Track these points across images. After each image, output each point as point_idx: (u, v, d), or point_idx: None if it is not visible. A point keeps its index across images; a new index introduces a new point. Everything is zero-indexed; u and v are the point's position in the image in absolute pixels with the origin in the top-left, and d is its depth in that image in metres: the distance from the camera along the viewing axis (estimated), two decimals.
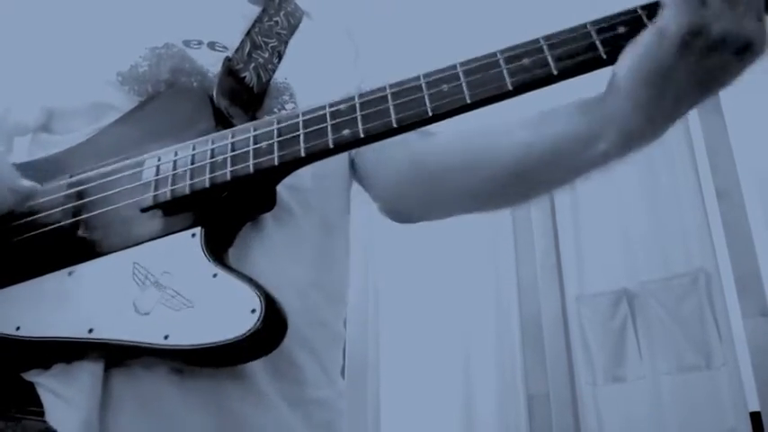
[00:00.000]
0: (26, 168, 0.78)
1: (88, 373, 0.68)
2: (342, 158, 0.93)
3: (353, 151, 0.94)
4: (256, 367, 0.72)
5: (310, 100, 0.74)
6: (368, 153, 0.94)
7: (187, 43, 0.86)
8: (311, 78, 0.90)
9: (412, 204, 0.92)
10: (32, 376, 0.70)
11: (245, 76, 0.85)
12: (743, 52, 0.62)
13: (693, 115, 2.58)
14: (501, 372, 2.73)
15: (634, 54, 0.66)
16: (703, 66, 0.63)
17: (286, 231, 0.80)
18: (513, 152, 0.78)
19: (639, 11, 0.67)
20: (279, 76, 0.89)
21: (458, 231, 2.83)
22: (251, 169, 0.70)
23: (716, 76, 0.65)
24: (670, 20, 0.63)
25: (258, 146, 0.71)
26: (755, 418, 2.28)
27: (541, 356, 2.73)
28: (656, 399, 2.48)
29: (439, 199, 0.90)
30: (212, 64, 0.84)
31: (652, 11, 0.65)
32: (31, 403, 0.69)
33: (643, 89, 0.66)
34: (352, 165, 0.96)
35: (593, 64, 0.67)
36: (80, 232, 0.74)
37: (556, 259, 2.83)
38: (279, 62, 0.91)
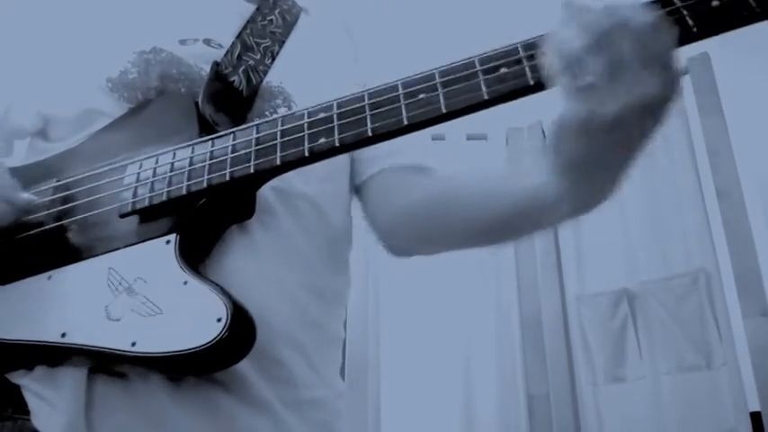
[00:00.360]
0: (16, 173, 0.78)
1: (71, 377, 0.69)
2: (344, 163, 0.93)
3: (356, 180, 0.95)
4: (248, 371, 0.72)
5: (307, 102, 0.73)
6: (370, 193, 0.94)
7: (183, 42, 0.86)
8: (308, 80, 0.89)
9: (408, 244, 0.93)
10: (18, 378, 0.71)
11: (233, 80, 0.84)
12: (654, 109, 0.58)
13: (694, 115, 2.57)
14: (501, 372, 2.72)
15: (550, 147, 0.66)
16: (619, 135, 0.60)
17: (273, 235, 0.80)
18: (506, 201, 0.79)
19: None
20: (273, 79, 0.88)
21: None
22: (227, 177, 0.71)
23: (639, 134, 0.62)
24: (565, 113, 0.61)
25: (236, 154, 0.72)
26: (755, 418, 2.27)
27: (541, 356, 2.71)
28: (656, 399, 2.47)
29: (435, 242, 0.91)
30: (207, 61, 0.84)
31: None
32: (25, 404, 0.69)
33: (576, 174, 0.66)
34: (357, 191, 0.96)
35: None
36: (62, 236, 0.75)
37: (556, 259, 2.82)
38: (272, 63, 0.90)
